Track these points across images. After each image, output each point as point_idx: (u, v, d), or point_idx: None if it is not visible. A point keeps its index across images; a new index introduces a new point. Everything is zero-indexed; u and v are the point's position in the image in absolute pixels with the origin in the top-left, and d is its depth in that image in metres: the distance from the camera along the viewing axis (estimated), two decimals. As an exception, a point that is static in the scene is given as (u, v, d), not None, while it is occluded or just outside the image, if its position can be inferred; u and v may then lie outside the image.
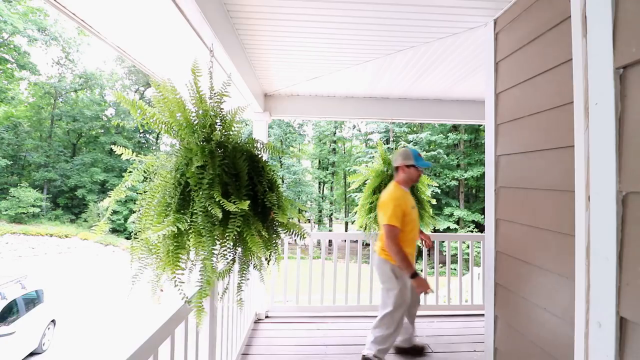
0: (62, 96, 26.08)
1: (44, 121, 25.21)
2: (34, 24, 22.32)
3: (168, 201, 1.28)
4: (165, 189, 1.29)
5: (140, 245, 1.28)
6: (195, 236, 1.24)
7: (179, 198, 1.27)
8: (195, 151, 1.30)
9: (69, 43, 25.04)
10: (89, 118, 25.44)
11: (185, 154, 1.34)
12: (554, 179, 1.39)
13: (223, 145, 1.42)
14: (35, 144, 24.12)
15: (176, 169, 1.31)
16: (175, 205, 1.26)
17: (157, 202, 1.28)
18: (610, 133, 0.75)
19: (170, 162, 1.36)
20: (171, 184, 1.29)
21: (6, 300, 6.22)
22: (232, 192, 1.31)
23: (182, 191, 1.29)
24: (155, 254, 1.26)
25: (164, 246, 1.24)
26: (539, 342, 1.45)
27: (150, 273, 1.28)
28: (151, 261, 1.27)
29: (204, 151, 1.31)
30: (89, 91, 27.01)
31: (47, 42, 23.62)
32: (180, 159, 1.33)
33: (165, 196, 1.29)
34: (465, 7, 1.81)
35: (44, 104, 25.20)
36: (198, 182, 1.25)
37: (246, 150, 1.49)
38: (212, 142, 1.38)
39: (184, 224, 1.22)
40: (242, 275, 1.49)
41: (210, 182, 1.26)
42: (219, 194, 1.23)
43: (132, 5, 1.74)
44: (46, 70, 29.19)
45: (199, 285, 1.30)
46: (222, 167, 1.33)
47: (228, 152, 1.40)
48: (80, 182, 23.55)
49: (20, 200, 20.65)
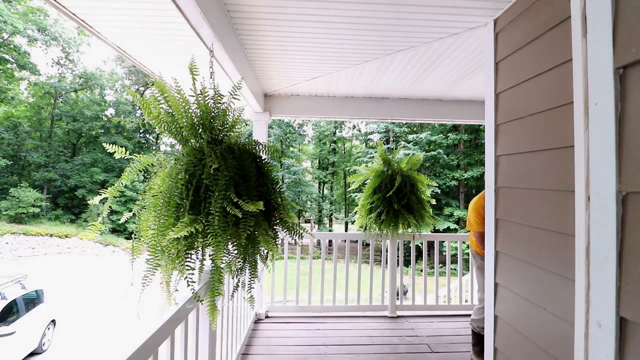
0: (62, 96, 26.07)
1: (44, 121, 25.20)
2: (34, 24, 22.30)
3: (178, 202, 1.29)
4: (173, 190, 1.30)
5: (141, 244, 1.28)
6: (211, 237, 1.25)
7: (191, 200, 1.28)
8: (208, 153, 1.31)
9: (69, 43, 25.02)
10: (89, 118, 25.42)
11: (195, 155, 1.35)
12: (554, 179, 1.39)
13: (231, 146, 1.44)
14: (35, 144, 24.11)
15: (185, 170, 1.32)
16: (188, 206, 1.27)
17: (163, 202, 1.29)
18: (610, 133, 0.75)
19: (180, 162, 1.36)
20: (181, 185, 1.30)
21: (6, 300, 6.21)
22: (243, 193, 1.33)
23: (195, 192, 1.30)
24: (168, 254, 1.26)
25: (174, 247, 1.25)
26: (539, 342, 1.45)
27: (160, 274, 1.29)
28: (163, 262, 1.27)
29: (217, 153, 1.32)
30: (89, 91, 27.00)
31: (47, 42, 23.60)
32: (192, 160, 1.34)
33: (174, 197, 1.30)
34: (465, 7, 1.81)
35: (44, 104, 25.18)
36: (215, 183, 1.27)
37: (251, 152, 1.50)
38: (223, 144, 1.39)
39: (200, 225, 1.23)
40: (252, 273, 1.50)
41: (226, 183, 1.27)
42: (234, 195, 1.25)
43: (132, 5, 1.74)
44: (46, 70, 29.19)
45: (212, 284, 1.31)
46: (234, 169, 1.35)
47: (236, 154, 1.41)
48: (80, 182, 23.53)
49: (20, 200, 20.63)
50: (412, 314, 3.50)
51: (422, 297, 3.90)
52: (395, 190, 3.14)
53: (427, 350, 2.72)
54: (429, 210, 3.31)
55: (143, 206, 1.34)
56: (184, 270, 1.26)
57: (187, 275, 1.26)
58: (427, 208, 3.30)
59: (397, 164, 3.39)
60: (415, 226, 3.24)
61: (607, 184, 0.76)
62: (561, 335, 1.31)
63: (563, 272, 1.32)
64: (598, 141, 0.79)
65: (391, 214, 3.19)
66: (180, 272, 1.25)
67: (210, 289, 1.32)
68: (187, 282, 1.25)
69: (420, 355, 2.65)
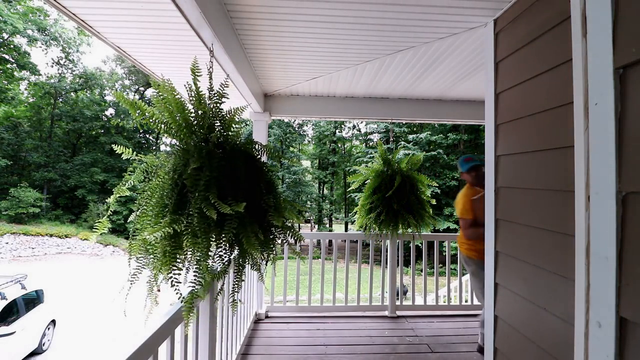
0: (62, 96, 26.06)
1: (44, 121, 25.19)
2: (34, 24, 22.30)
3: (165, 202, 1.28)
4: (163, 190, 1.29)
5: (137, 244, 1.28)
6: (191, 237, 1.24)
7: (176, 199, 1.27)
8: (192, 152, 1.30)
9: (69, 43, 25.02)
10: (89, 118, 25.42)
11: (183, 154, 1.34)
12: (554, 179, 1.39)
13: (222, 146, 1.42)
14: (35, 144, 24.10)
15: (174, 170, 1.31)
16: (172, 206, 1.26)
17: (155, 202, 1.28)
18: (610, 133, 0.75)
19: (169, 162, 1.36)
20: (168, 184, 1.29)
21: (6, 300, 6.21)
22: (229, 194, 1.31)
23: (180, 192, 1.29)
24: (153, 254, 1.26)
25: (161, 247, 1.24)
26: (539, 342, 1.45)
27: (149, 273, 1.29)
28: (148, 261, 1.27)
29: (202, 152, 1.31)
30: (89, 91, 26.99)
31: (47, 42, 23.60)
32: (178, 160, 1.33)
33: (163, 197, 1.29)
34: (465, 7, 1.81)
35: (44, 104, 25.18)
36: (194, 184, 1.25)
37: (245, 152, 1.49)
38: (210, 143, 1.37)
39: (180, 226, 1.22)
40: (238, 277, 1.48)
41: (206, 183, 1.26)
42: (214, 196, 1.23)
43: (132, 5, 1.74)
44: (46, 70, 29.27)
45: (192, 286, 1.31)
46: (220, 169, 1.33)
47: (227, 153, 1.40)
48: (80, 182, 23.53)
49: (20, 200, 20.63)
50: (412, 314, 3.50)
51: (422, 297, 3.90)
52: (395, 190, 3.14)
53: (427, 350, 2.72)
54: (429, 210, 3.31)
55: (140, 205, 1.35)
56: (170, 270, 1.25)
57: (173, 275, 1.25)
58: (427, 208, 3.30)
59: (397, 164, 3.39)
60: (415, 226, 3.24)
61: (607, 184, 0.76)
62: (561, 335, 1.31)
63: (563, 272, 1.32)
64: (598, 141, 0.79)
65: (391, 214, 3.18)
66: (165, 272, 1.24)
67: (190, 291, 1.30)
68: (171, 282, 1.24)
69: (420, 355, 2.65)
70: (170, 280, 1.24)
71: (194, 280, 1.31)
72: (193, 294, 1.29)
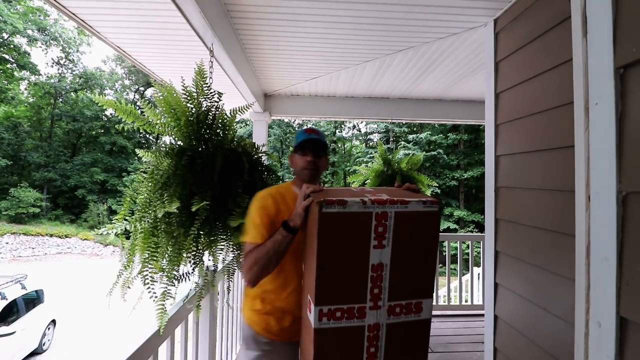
0: (62, 96, 26.05)
1: (44, 121, 25.18)
2: (34, 24, 22.28)
3: (145, 200, 1.32)
4: (147, 189, 1.32)
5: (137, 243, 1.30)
6: (147, 236, 1.25)
7: (146, 197, 1.30)
8: (163, 151, 1.33)
9: (69, 43, 25.00)
10: (89, 118, 25.39)
11: (158, 154, 1.37)
12: (554, 179, 1.39)
13: (206, 143, 1.42)
14: (35, 144, 24.08)
15: (155, 168, 1.34)
16: (142, 204, 1.30)
17: (139, 201, 1.32)
18: (610, 133, 0.75)
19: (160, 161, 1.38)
20: (146, 183, 1.33)
21: (6, 300, 6.20)
22: (196, 192, 1.31)
23: (154, 189, 1.31)
24: (131, 253, 1.28)
25: (140, 246, 1.26)
26: (539, 342, 1.45)
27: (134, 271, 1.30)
28: (127, 260, 1.29)
29: (173, 150, 1.33)
30: (89, 91, 26.98)
31: (47, 42, 23.58)
32: (159, 159, 1.35)
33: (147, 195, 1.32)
34: (465, 7, 1.81)
35: (44, 104, 25.16)
36: (152, 182, 1.28)
37: (230, 150, 1.47)
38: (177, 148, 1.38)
39: (133, 222, 1.24)
40: (204, 278, 1.47)
41: (165, 181, 1.27)
42: (170, 194, 1.23)
43: (132, 5, 1.74)
44: (46, 70, 29.23)
45: (164, 287, 1.29)
46: (194, 167, 1.33)
47: (209, 151, 1.40)
48: (80, 182, 23.51)
49: (20, 200, 20.61)
50: (412, 314, 3.49)
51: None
52: (395, 190, 3.13)
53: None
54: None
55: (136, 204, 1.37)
56: (145, 268, 1.25)
57: (147, 274, 1.25)
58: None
59: (397, 164, 3.39)
60: (415, 226, 3.23)
61: (607, 184, 0.76)
62: (561, 335, 1.31)
63: (563, 272, 1.32)
64: (598, 141, 0.79)
65: (391, 214, 3.18)
66: (139, 272, 1.25)
67: (162, 292, 1.28)
68: (144, 281, 1.24)
69: (420, 355, 2.64)
70: (145, 279, 1.24)
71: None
72: (165, 295, 1.27)
